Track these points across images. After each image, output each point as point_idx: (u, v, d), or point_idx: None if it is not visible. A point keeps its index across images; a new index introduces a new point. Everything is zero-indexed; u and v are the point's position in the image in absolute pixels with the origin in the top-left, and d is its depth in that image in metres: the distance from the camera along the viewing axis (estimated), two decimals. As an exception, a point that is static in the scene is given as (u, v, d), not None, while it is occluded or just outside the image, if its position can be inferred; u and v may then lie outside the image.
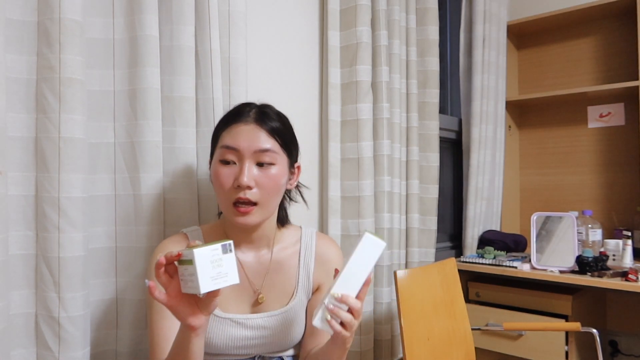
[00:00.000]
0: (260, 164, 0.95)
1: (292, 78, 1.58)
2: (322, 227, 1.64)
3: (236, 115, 0.98)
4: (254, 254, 1.05)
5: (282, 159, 0.98)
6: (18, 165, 0.98)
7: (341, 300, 0.85)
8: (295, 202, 1.15)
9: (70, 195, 0.99)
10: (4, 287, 0.92)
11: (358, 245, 0.87)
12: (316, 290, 1.09)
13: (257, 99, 1.05)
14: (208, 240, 1.03)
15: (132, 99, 1.12)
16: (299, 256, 1.08)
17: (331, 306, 0.85)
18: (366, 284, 0.87)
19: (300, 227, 1.13)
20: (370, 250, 0.87)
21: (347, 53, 1.64)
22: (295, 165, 1.05)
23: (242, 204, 0.94)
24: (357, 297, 0.87)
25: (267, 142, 0.95)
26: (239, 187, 0.93)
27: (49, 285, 0.98)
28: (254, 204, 0.94)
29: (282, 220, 1.10)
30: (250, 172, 0.93)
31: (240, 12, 1.29)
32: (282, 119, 1.02)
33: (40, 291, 0.99)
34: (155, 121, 1.12)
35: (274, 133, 0.97)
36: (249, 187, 0.93)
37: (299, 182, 1.11)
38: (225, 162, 0.95)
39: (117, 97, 1.12)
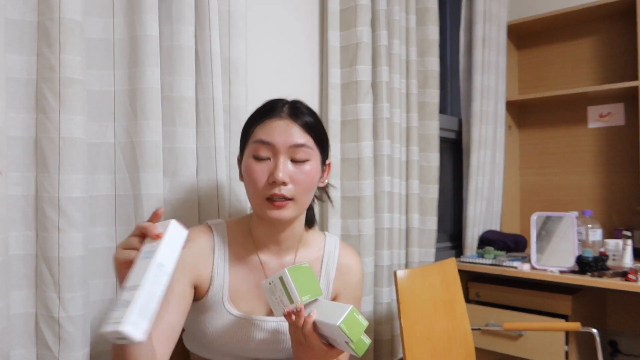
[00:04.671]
0: (294, 160, 0.93)
1: (292, 78, 1.58)
2: (322, 227, 1.63)
3: (269, 110, 0.95)
4: (278, 255, 1.02)
5: (315, 155, 0.96)
6: (18, 165, 0.98)
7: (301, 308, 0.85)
8: (322, 201, 1.13)
9: (70, 195, 0.99)
10: (4, 287, 0.92)
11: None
12: (334, 299, 1.07)
13: (285, 95, 1.01)
14: (231, 235, 1.01)
15: (132, 99, 1.11)
16: (322, 263, 1.06)
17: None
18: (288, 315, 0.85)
19: (324, 234, 1.11)
20: None
21: (347, 53, 1.64)
22: (327, 162, 1.02)
23: (277, 199, 0.91)
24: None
25: (302, 137, 0.93)
26: (274, 183, 0.90)
27: (49, 285, 0.98)
28: (289, 199, 0.92)
29: (310, 221, 1.07)
30: (285, 168, 0.91)
31: (240, 12, 1.29)
32: (314, 115, 0.99)
33: (40, 291, 0.99)
34: (155, 121, 1.12)
35: (308, 128, 0.94)
36: (284, 183, 0.90)
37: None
38: (259, 158, 0.92)
39: (117, 97, 1.12)
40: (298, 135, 0.93)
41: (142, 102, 1.10)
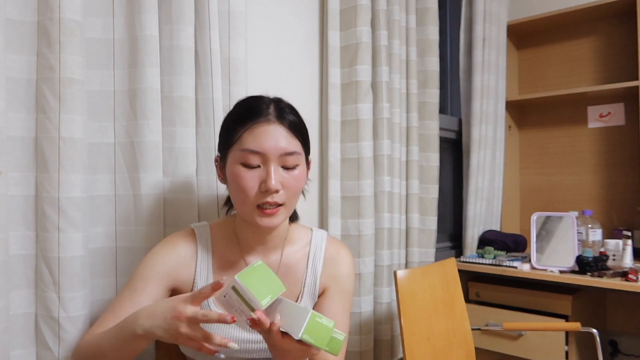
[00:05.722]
0: (284, 167, 0.92)
1: (292, 78, 1.58)
2: (322, 227, 1.63)
3: (255, 112, 0.92)
4: (264, 255, 1.02)
5: (303, 158, 0.96)
6: (18, 165, 0.98)
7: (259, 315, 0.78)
8: (303, 195, 1.12)
9: (70, 195, 0.99)
10: (4, 287, 0.92)
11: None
12: (322, 293, 1.06)
13: (263, 92, 0.99)
14: (215, 238, 1.01)
15: (131, 99, 1.12)
16: (308, 259, 1.05)
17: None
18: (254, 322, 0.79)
19: (311, 230, 1.10)
20: None
21: (347, 53, 1.64)
22: (308, 159, 1.02)
23: (268, 207, 0.91)
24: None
25: (291, 144, 0.92)
26: (267, 192, 0.90)
27: (49, 285, 0.98)
28: (280, 205, 0.92)
29: (293, 215, 1.07)
30: (277, 176, 0.90)
31: (240, 12, 1.29)
32: (296, 112, 0.98)
33: (40, 291, 0.99)
34: (155, 121, 1.12)
35: (296, 132, 0.93)
36: (277, 191, 0.90)
37: None
38: (249, 166, 0.91)
39: (117, 97, 1.12)
40: (288, 142, 0.92)
41: (142, 102, 1.10)
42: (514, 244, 2.22)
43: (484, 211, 2.25)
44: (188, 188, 1.19)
